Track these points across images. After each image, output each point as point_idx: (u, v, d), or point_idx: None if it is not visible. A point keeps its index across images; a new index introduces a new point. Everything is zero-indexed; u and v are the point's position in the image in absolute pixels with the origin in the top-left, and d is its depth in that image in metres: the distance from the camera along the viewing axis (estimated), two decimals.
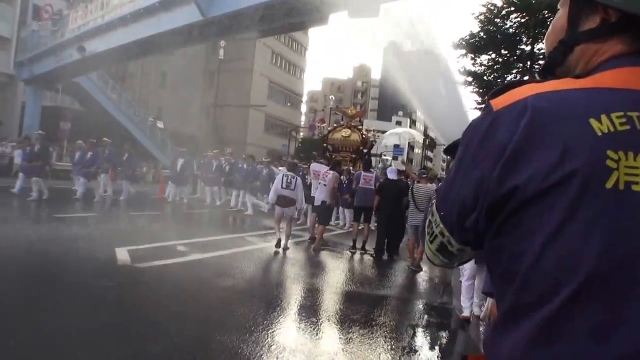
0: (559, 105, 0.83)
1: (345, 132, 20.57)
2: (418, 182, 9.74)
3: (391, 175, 10.71)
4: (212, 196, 18.03)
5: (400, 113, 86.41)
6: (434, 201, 1.08)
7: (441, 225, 1.00)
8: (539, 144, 0.81)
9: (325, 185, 10.75)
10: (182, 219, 14.03)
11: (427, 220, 1.09)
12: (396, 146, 50.47)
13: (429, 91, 1.47)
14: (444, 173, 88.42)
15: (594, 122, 0.80)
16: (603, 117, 0.81)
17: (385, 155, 27.14)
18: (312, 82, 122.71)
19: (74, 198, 14.59)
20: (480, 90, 21.18)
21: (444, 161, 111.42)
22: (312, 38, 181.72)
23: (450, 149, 1.24)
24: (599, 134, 0.80)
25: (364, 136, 20.68)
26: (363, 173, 11.49)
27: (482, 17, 21.86)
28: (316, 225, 11.13)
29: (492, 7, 21.69)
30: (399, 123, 66.79)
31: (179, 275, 6.98)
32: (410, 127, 73.27)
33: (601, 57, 0.92)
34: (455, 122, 1.29)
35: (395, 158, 42.73)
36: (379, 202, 10.36)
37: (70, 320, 4.59)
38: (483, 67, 22.41)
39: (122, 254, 7.62)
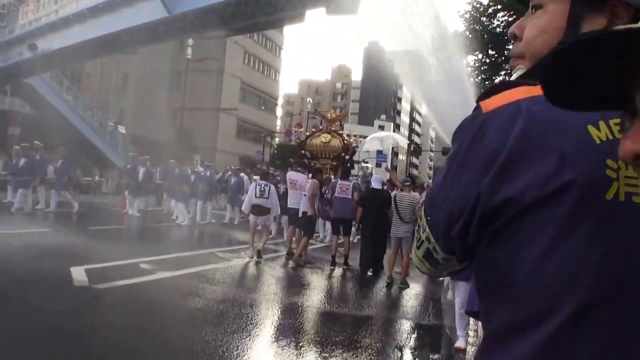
0: (555, 111, 0.79)
1: (325, 137, 20.35)
2: (401, 190, 9.66)
3: (375, 184, 10.68)
4: (171, 209, 17.50)
5: (383, 117, 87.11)
6: (422, 205, 1.08)
7: (427, 231, 0.99)
8: (534, 152, 0.81)
9: (305, 195, 10.71)
10: (145, 233, 13.84)
11: (417, 224, 1.08)
12: (379, 152, 50.86)
13: (432, 90, 1.49)
14: (430, 181, 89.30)
15: (591, 129, 0.81)
16: (601, 124, 0.81)
17: (366, 163, 26.94)
18: (288, 83, 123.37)
19: (12, 211, 14.10)
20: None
21: (430, 168, 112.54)
22: (288, 37, 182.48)
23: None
24: (597, 141, 0.80)
25: (345, 142, 20.47)
26: (339, 181, 11.29)
27: (467, 15, 22.20)
28: (294, 239, 11.09)
29: (478, 5, 22.06)
30: (382, 127, 67.14)
31: (143, 296, 6.85)
32: (394, 131, 73.81)
33: None
34: (460, 115, 1.30)
35: (378, 165, 43.01)
36: (363, 214, 10.33)
37: (20, 350, 4.44)
38: (469, 69, 22.73)
39: (79, 274, 7.43)
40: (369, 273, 10.17)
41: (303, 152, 20.63)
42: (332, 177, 14.91)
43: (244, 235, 14.45)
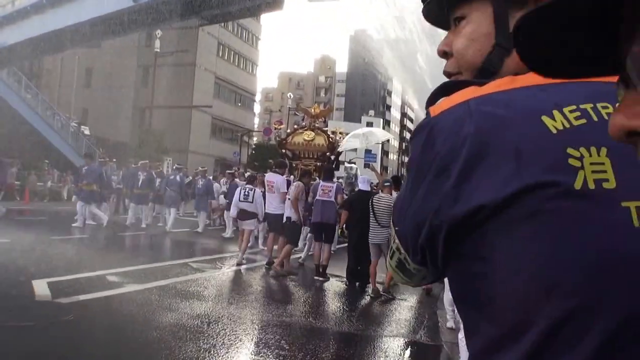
0: (506, 107, 0.84)
1: (308, 134, 19.73)
2: (381, 191, 9.62)
3: (363, 185, 10.57)
4: (137, 216, 17.23)
5: (372, 112, 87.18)
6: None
7: (397, 241, 1.01)
8: (489, 153, 0.81)
9: (290, 199, 10.72)
10: (112, 243, 13.80)
11: (390, 234, 1.12)
12: (368, 152, 51.00)
13: (415, 74, 1.47)
14: None
15: (546, 120, 0.82)
16: (555, 113, 0.82)
17: (351, 163, 26.33)
18: (266, 77, 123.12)
19: None
20: None
21: None
22: (266, 26, 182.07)
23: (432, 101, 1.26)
24: (554, 131, 0.81)
25: (330, 139, 19.74)
26: (322, 183, 11.06)
27: None
28: (275, 247, 11.15)
29: None
30: (370, 124, 67.09)
31: (111, 311, 6.86)
32: (384, 127, 74.02)
33: None
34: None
35: (367, 165, 43.11)
36: (348, 219, 10.23)
37: None
38: None
39: (41, 288, 7.43)
40: (358, 284, 10.06)
41: (284, 151, 20.09)
42: (317, 179, 14.39)
43: (219, 244, 14.53)
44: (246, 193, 11.25)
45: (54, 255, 10.57)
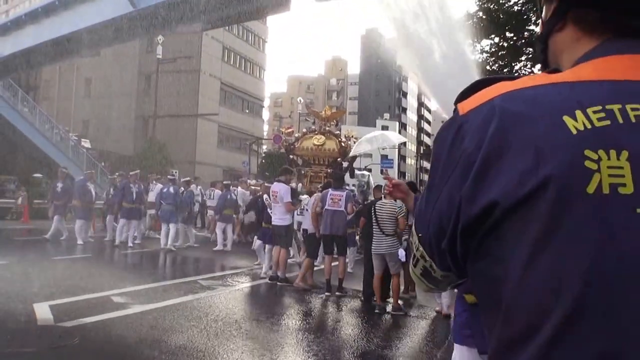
0: (530, 104, 0.88)
1: (318, 139, 19.29)
2: (383, 197, 9.38)
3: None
4: (125, 233, 16.54)
5: (387, 115, 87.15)
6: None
7: (421, 249, 1.05)
8: (509, 151, 0.85)
9: (308, 210, 10.76)
10: (116, 262, 13.83)
11: (410, 242, 1.14)
12: (384, 157, 50.91)
13: (431, 70, 1.58)
14: None
15: (567, 120, 0.84)
16: (578, 113, 0.85)
17: (363, 170, 25.83)
18: (275, 82, 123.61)
19: None
20: None
21: None
22: (273, 28, 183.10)
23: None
24: (574, 132, 0.83)
25: (342, 144, 19.37)
26: (331, 191, 10.75)
27: None
28: (279, 261, 11.16)
29: None
30: (385, 128, 67.07)
31: (117, 334, 6.84)
32: (399, 131, 73.92)
33: (574, 54, 1.00)
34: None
35: (382, 172, 43.09)
36: (363, 229, 10.08)
37: None
38: (485, 55, 22.80)
39: (43, 311, 7.45)
40: (375, 301, 9.76)
41: (292, 157, 19.82)
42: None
43: (224, 259, 14.51)
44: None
45: (56, 276, 10.61)
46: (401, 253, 8.77)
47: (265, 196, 11.68)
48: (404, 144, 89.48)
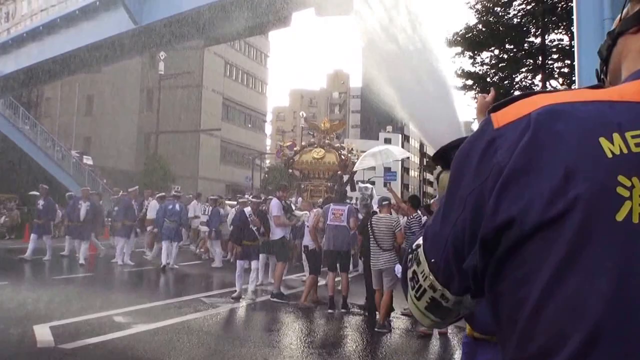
0: (566, 121, 0.85)
1: (318, 152, 18.87)
2: (379, 211, 9.31)
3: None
4: (122, 250, 16.07)
5: (389, 128, 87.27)
6: (414, 246, 1.08)
7: (431, 277, 1.01)
8: (537, 168, 0.83)
9: (308, 226, 10.70)
10: (117, 281, 13.79)
11: (410, 271, 1.09)
12: (387, 170, 50.92)
13: (411, 89, 1.54)
14: None
15: (604, 142, 0.82)
16: (615, 136, 0.82)
17: (367, 183, 25.40)
18: (277, 96, 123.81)
19: None
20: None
21: None
22: (274, 43, 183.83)
23: (441, 155, 1.26)
24: (609, 155, 0.81)
25: (342, 157, 19.01)
26: (333, 206, 10.56)
27: (479, 6, 22.42)
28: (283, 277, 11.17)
29: None
30: (388, 140, 67.20)
31: (119, 355, 6.80)
32: (402, 144, 73.97)
33: (634, 64, 0.96)
34: (445, 123, 1.36)
35: (386, 184, 43.09)
36: (362, 245, 9.88)
37: None
38: (485, 67, 22.90)
39: (43, 333, 7.39)
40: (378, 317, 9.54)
41: (291, 171, 19.59)
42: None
43: (229, 276, 14.40)
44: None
45: (56, 296, 10.57)
46: (397, 268, 8.48)
47: (248, 211, 11.08)
48: (407, 156, 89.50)
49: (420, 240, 1.08)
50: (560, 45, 21.85)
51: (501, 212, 0.84)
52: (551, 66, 22.25)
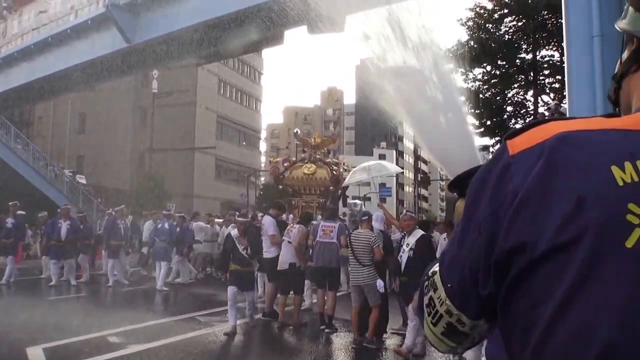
0: (579, 149, 0.87)
1: (309, 167, 18.21)
2: (360, 226, 9.20)
3: (377, 224, 9.96)
4: (112, 271, 15.62)
5: (384, 144, 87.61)
6: (430, 273, 1.09)
7: (448, 302, 1.02)
8: (550, 194, 0.84)
9: (290, 242, 10.37)
10: (110, 301, 13.73)
11: (427, 298, 1.10)
12: (382, 186, 50.92)
13: (423, 117, 1.54)
14: (443, 215, 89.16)
15: (615, 170, 0.83)
16: (627, 164, 0.83)
17: (364, 198, 25.15)
18: (271, 113, 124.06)
19: None
20: (477, 111, 21.63)
21: (442, 200, 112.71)
22: (268, 60, 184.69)
23: (457, 184, 1.27)
24: (621, 183, 0.82)
25: (334, 172, 18.22)
26: (322, 223, 10.50)
27: (470, 23, 22.61)
28: (276, 295, 10.79)
29: (482, 11, 22.46)
30: (382, 157, 67.31)
31: None
32: (397, 160, 74.15)
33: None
34: (460, 149, 1.36)
35: (383, 200, 43.08)
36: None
37: None
38: (477, 83, 23.02)
39: (36, 355, 7.34)
40: (367, 336, 9.18)
41: (281, 187, 19.18)
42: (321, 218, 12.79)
43: (224, 295, 14.31)
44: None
45: (49, 317, 10.49)
46: (379, 284, 8.59)
47: (234, 232, 10.21)
48: (402, 171, 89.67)
49: (436, 267, 1.09)
50: (551, 61, 22.04)
51: (514, 235, 0.86)
52: (542, 82, 22.44)
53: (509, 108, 23.33)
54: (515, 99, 23.16)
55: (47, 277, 15.75)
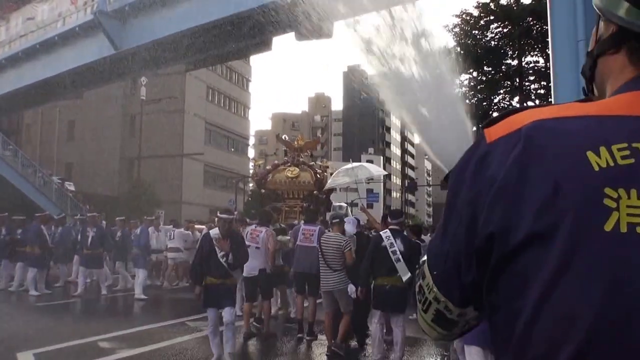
0: (555, 136, 0.88)
1: (292, 171, 17.78)
2: (330, 229, 8.89)
3: (350, 227, 9.38)
4: (87, 279, 15.11)
5: (371, 150, 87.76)
6: (421, 262, 1.11)
7: (435, 290, 1.03)
8: (528, 181, 0.85)
9: (258, 247, 9.48)
10: (100, 307, 13.62)
11: (417, 285, 1.11)
12: (370, 192, 51.03)
13: (416, 111, 1.55)
14: (430, 220, 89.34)
15: (591, 156, 0.84)
16: (602, 149, 0.84)
17: (338, 202, 24.17)
18: (260, 120, 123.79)
19: None
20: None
21: (429, 205, 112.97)
22: (256, 67, 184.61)
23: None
24: (596, 168, 0.83)
25: (318, 175, 17.80)
26: (303, 226, 10.03)
27: (456, 29, 22.76)
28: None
29: (468, 18, 22.62)
30: (370, 162, 67.20)
31: None
32: (384, 166, 74.22)
33: (616, 81, 0.99)
34: (455, 142, 1.37)
35: (370, 206, 43.08)
36: None
37: None
38: (464, 89, 23.13)
39: None
40: (353, 343, 9.05)
41: (263, 191, 18.41)
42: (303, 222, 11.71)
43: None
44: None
45: (39, 323, 10.43)
46: (351, 289, 8.18)
47: (213, 232, 7.86)
48: (389, 177, 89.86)
49: (425, 256, 1.10)
50: (536, 67, 22.24)
51: (492, 224, 0.86)
52: (528, 87, 22.64)
53: (495, 114, 23.46)
54: (502, 104, 23.32)
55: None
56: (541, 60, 21.70)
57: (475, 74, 22.83)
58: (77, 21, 20.03)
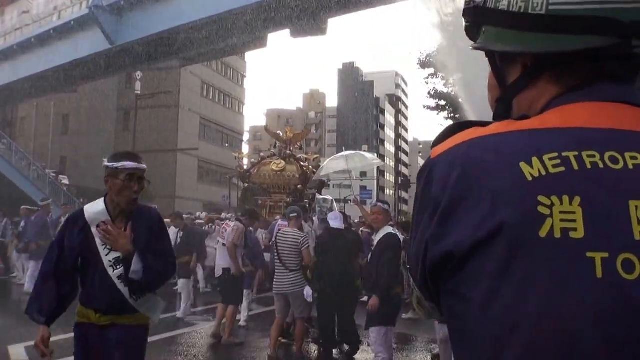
0: (491, 151, 0.91)
1: (278, 164, 16.96)
2: (288, 224, 8.15)
3: (335, 222, 8.19)
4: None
5: (365, 147, 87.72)
6: None
7: (411, 281, 1.07)
8: (469, 197, 0.88)
9: (224, 245, 8.76)
10: None
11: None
12: (363, 189, 50.98)
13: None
14: None
15: (524, 166, 0.87)
16: (534, 159, 0.87)
17: (322, 194, 23.36)
18: (254, 115, 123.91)
19: None
20: (457, 116, 21.77)
21: None
22: (251, 63, 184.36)
23: None
24: (529, 178, 0.86)
25: (304, 168, 16.93)
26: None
27: (451, 28, 22.79)
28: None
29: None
30: None
31: None
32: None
33: (540, 103, 1.02)
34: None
35: (364, 202, 42.83)
36: (316, 264, 7.78)
37: None
38: (457, 87, 23.19)
39: (18, 353, 7.32)
40: (345, 347, 8.33)
41: (247, 185, 17.74)
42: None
43: (206, 295, 14.25)
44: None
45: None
46: (307, 292, 7.46)
47: (173, 231, 8.15)
48: (383, 174, 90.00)
49: None
50: None
51: (443, 241, 0.89)
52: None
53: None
54: None
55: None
56: None
57: None
58: (73, 15, 19.98)
